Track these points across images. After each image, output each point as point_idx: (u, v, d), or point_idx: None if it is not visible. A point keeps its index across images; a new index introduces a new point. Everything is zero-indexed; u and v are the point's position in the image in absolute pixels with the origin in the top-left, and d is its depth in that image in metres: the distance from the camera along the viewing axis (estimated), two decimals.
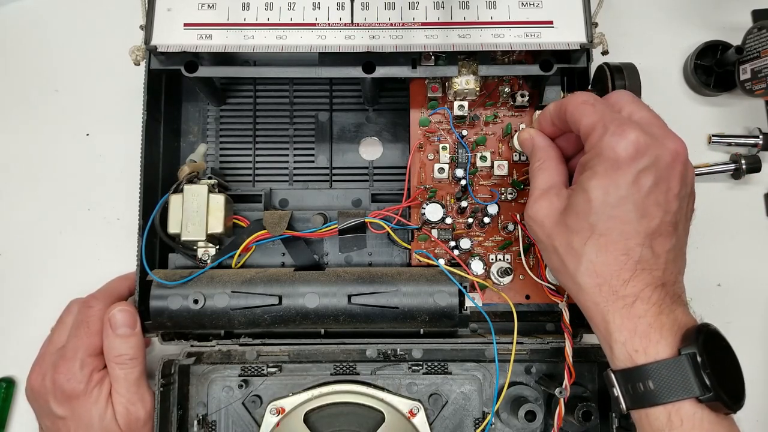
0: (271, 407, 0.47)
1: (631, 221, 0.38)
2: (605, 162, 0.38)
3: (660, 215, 0.38)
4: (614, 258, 0.38)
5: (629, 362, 0.37)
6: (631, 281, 0.38)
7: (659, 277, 0.38)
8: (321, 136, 0.56)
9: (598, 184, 0.38)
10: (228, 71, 0.49)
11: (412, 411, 0.48)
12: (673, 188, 0.39)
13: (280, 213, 0.50)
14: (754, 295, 0.57)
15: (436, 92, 0.51)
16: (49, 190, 0.58)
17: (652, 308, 0.37)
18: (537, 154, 0.44)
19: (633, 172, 0.38)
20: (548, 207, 0.41)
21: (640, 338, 0.37)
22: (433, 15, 0.47)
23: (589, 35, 0.47)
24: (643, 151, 0.38)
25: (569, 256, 0.40)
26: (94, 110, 0.59)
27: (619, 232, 0.38)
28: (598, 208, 0.38)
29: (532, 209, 0.42)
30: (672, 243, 0.39)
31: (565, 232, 0.40)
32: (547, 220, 0.41)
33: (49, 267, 0.57)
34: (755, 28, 0.54)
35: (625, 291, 0.38)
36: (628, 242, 0.38)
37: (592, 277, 0.39)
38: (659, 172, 0.38)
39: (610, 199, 0.38)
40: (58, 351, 0.48)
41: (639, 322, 0.37)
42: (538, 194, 0.43)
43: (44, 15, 0.60)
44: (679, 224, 0.40)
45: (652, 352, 0.37)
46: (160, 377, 0.45)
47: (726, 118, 0.59)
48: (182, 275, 0.47)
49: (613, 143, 0.38)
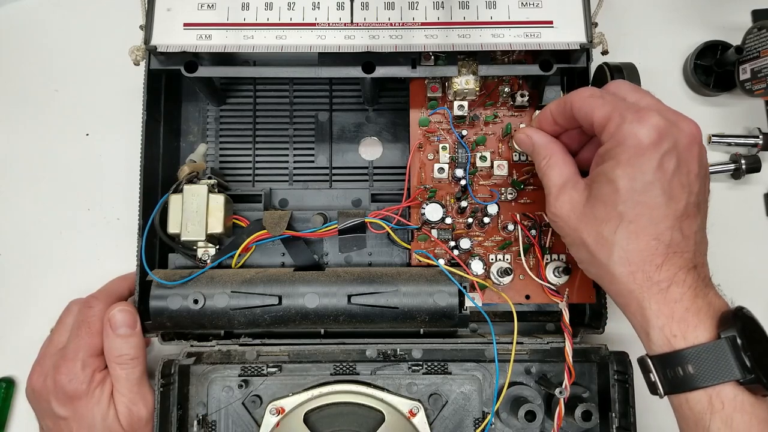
0: (270, 407, 0.47)
1: (659, 205, 0.38)
2: (628, 150, 0.38)
3: (685, 197, 0.39)
4: (646, 243, 0.38)
5: (667, 347, 0.37)
6: (664, 266, 0.38)
7: (690, 259, 0.38)
8: (321, 136, 0.56)
9: (623, 173, 0.38)
10: (228, 71, 0.49)
11: (412, 411, 0.48)
12: (693, 169, 0.39)
13: (279, 213, 0.50)
14: (754, 295, 0.57)
15: (435, 92, 0.51)
16: (49, 190, 0.58)
17: (688, 292, 0.38)
18: (540, 152, 0.44)
19: (657, 157, 0.38)
20: (570, 201, 0.41)
21: (678, 323, 0.37)
22: (433, 15, 0.47)
23: (589, 35, 0.47)
24: (664, 135, 0.38)
25: (600, 246, 0.39)
26: (94, 110, 0.59)
27: (649, 217, 0.38)
28: (626, 195, 0.38)
29: (555, 206, 0.42)
30: (698, 223, 0.40)
31: (593, 224, 0.40)
32: (572, 214, 0.41)
33: (49, 267, 0.57)
34: (755, 28, 0.54)
35: (659, 276, 0.38)
36: (658, 226, 0.38)
37: (626, 265, 0.38)
38: (680, 154, 0.38)
39: (637, 185, 0.38)
40: (59, 351, 0.48)
41: (676, 307, 0.37)
42: (557, 190, 0.42)
43: (44, 15, 0.61)
44: (701, 205, 0.40)
45: (691, 337, 0.37)
46: (160, 377, 0.45)
47: (726, 118, 0.59)
48: (182, 275, 0.47)
49: (635, 130, 0.38)
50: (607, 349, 0.47)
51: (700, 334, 0.37)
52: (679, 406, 0.38)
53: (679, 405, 0.38)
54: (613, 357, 0.47)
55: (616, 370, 0.47)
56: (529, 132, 0.45)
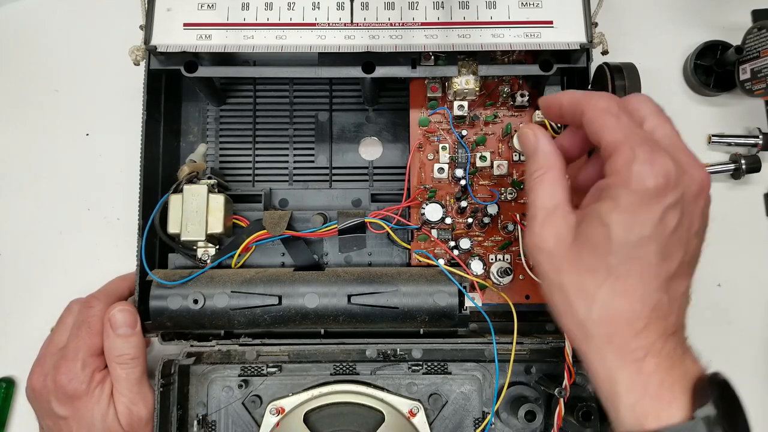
0: (270, 407, 0.47)
1: (652, 264, 0.34)
2: (631, 195, 0.34)
3: (680, 256, 0.35)
4: (630, 305, 0.34)
5: (638, 427, 0.33)
6: (644, 332, 0.34)
7: (672, 324, 0.35)
8: (321, 136, 0.56)
9: (620, 219, 0.34)
10: (228, 71, 0.49)
11: (411, 411, 0.48)
12: (695, 224, 0.35)
13: (279, 213, 0.50)
14: (754, 295, 0.57)
15: (435, 92, 0.51)
16: (49, 190, 0.58)
17: (664, 362, 0.34)
18: (539, 160, 0.39)
19: (660, 209, 0.34)
20: (556, 235, 0.36)
21: (651, 399, 0.33)
22: (433, 15, 0.47)
23: (589, 35, 0.47)
24: (673, 185, 0.34)
25: (579, 299, 0.35)
26: (93, 110, 0.59)
27: (639, 276, 0.34)
28: (619, 247, 0.34)
29: (539, 236, 0.37)
30: (687, 284, 0.36)
31: (577, 270, 0.35)
32: (557, 251, 0.36)
33: (49, 267, 0.57)
34: (755, 28, 0.54)
35: (636, 343, 0.34)
36: (646, 288, 0.34)
37: (604, 326, 0.34)
38: (685, 207, 0.34)
39: (633, 237, 0.34)
40: (59, 351, 0.48)
41: (650, 380, 0.33)
42: (544, 215, 0.37)
43: (44, 15, 0.60)
44: (693, 262, 0.36)
45: (665, 416, 0.33)
46: (160, 377, 0.45)
47: (726, 118, 0.59)
48: (182, 275, 0.47)
49: (643, 174, 0.33)
50: None
51: (675, 413, 0.33)
52: None
53: None
54: None
55: None
56: (538, 133, 0.39)
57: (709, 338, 0.56)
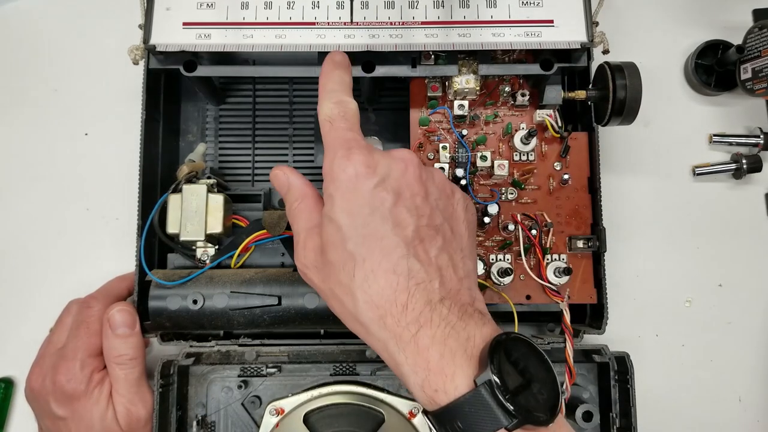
0: (270, 408, 0.47)
1: (386, 235, 0.35)
2: (340, 186, 0.36)
3: (413, 221, 0.36)
4: (385, 280, 0.34)
5: (434, 405, 0.33)
6: (409, 304, 0.34)
7: (436, 290, 0.35)
8: (321, 136, 0.55)
9: (340, 209, 0.36)
10: (227, 71, 0.49)
11: (411, 412, 0.47)
12: (418, 192, 0.37)
13: (279, 213, 0.50)
14: (754, 295, 0.57)
15: (436, 91, 0.50)
16: (48, 190, 0.58)
17: (438, 332, 0.33)
18: (293, 193, 0.40)
19: (369, 188, 0.36)
20: (314, 249, 0.38)
21: (435, 375, 0.33)
22: (433, 14, 0.47)
23: (590, 34, 0.47)
24: (373, 166, 0.36)
25: (344, 295, 0.36)
26: (92, 110, 0.59)
27: (380, 249, 0.35)
28: (349, 232, 0.35)
29: (303, 255, 0.38)
30: (438, 244, 0.36)
31: (333, 271, 0.36)
32: (316, 261, 0.38)
33: (48, 267, 0.57)
34: (756, 28, 0.54)
35: (406, 318, 0.34)
36: (391, 258, 0.35)
37: (373, 310, 0.34)
38: (396, 181, 0.36)
39: (358, 220, 0.35)
40: (58, 351, 0.48)
41: (429, 355, 0.33)
42: (304, 237, 0.39)
43: (43, 15, 0.60)
44: (443, 226, 0.37)
45: (451, 389, 0.32)
46: (159, 378, 0.45)
47: (727, 117, 0.59)
48: (181, 275, 0.47)
49: (342, 167, 0.36)
50: (607, 349, 0.47)
51: (460, 384, 0.32)
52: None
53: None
54: (614, 357, 0.47)
55: (617, 370, 0.47)
56: (286, 170, 0.41)
57: (709, 338, 0.57)
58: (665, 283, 0.57)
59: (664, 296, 0.57)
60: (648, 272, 0.57)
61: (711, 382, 0.56)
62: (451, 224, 0.39)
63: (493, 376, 0.31)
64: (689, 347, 0.56)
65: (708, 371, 0.56)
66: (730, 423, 0.56)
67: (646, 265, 0.57)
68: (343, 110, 0.39)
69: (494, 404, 0.31)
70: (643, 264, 0.57)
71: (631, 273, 0.57)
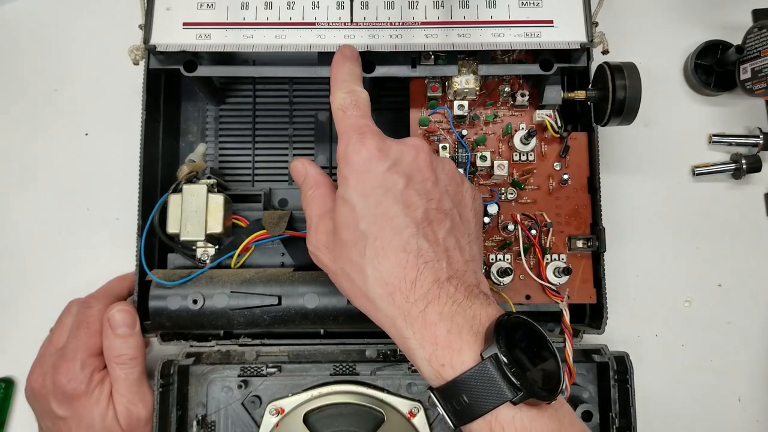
0: (270, 407, 0.47)
1: (397, 215, 0.37)
2: (353, 169, 0.38)
3: (423, 203, 0.38)
4: (395, 257, 0.36)
5: (440, 380, 0.34)
6: (418, 281, 0.35)
7: (444, 269, 0.36)
8: (320, 136, 0.55)
9: (354, 191, 0.37)
10: (227, 71, 0.49)
11: (411, 411, 0.48)
12: (429, 177, 0.39)
13: (279, 213, 0.50)
14: (754, 295, 0.57)
15: (435, 92, 0.50)
16: (48, 190, 0.58)
17: (446, 309, 0.35)
18: (309, 182, 0.42)
19: (383, 170, 0.37)
20: (325, 231, 0.40)
21: (443, 349, 0.34)
22: (433, 14, 0.47)
23: (590, 34, 0.47)
24: (386, 150, 0.38)
25: (355, 272, 0.37)
26: (93, 110, 0.59)
27: (391, 228, 0.36)
28: (362, 212, 0.37)
29: (315, 237, 0.40)
30: (447, 227, 0.38)
31: (344, 249, 0.38)
32: (327, 242, 0.39)
33: (48, 267, 0.57)
34: (755, 28, 0.54)
35: (415, 295, 0.35)
36: (402, 236, 0.36)
37: (382, 286, 0.36)
38: (408, 166, 0.38)
39: (370, 200, 0.37)
40: (58, 351, 0.48)
41: (437, 331, 0.34)
42: (316, 221, 0.40)
43: (43, 15, 0.60)
44: (452, 211, 0.39)
45: (458, 364, 0.34)
46: (160, 378, 0.45)
47: (726, 117, 0.59)
48: (181, 275, 0.47)
49: (356, 149, 0.38)
50: (607, 349, 0.47)
51: (466, 359, 0.34)
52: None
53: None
54: (614, 357, 0.47)
55: (617, 370, 0.47)
56: (305, 162, 0.43)
57: (708, 338, 0.57)
58: (665, 283, 0.57)
59: (663, 296, 0.57)
60: (648, 272, 0.57)
61: (711, 382, 0.56)
62: (460, 210, 0.40)
63: (499, 352, 0.33)
64: (689, 347, 0.56)
65: (708, 371, 0.56)
66: (730, 423, 0.56)
67: (645, 265, 0.57)
68: (355, 99, 0.41)
69: (500, 377, 0.33)
70: (643, 264, 0.57)
71: (630, 273, 0.57)
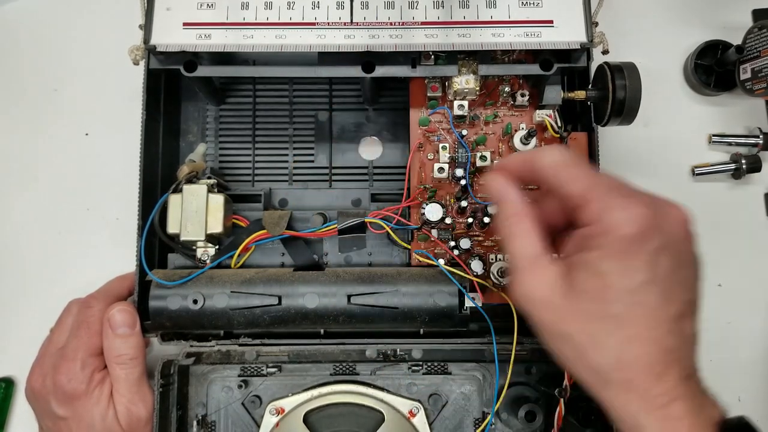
0: (270, 407, 0.47)
1: (658, 307, 0.33)
2: (616, 242, 0.33)
3: (683, 296, 0.34)
4: (645, 350, 0.33)
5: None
6: (664, 376, 0.33)
7: (689, 366, 0.35)
8: (321, 136, 0.55)
9: (614, 268, 0.33)
10: (227, 71, 0.49)
11: (411, 411, 0.48)
12: (692, 262, 0.36)
13: (279, 213, 0.50)
14: (754, 295, 0.57)
15: (435, 92, 0.51)
16: (49, 190, 0.58)
17: (689, 406, 0.33)
18: (508, 210, 0.37)
19: (649, 252, 0.33)
20: (548, 284, 0.35)
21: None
22: (433, 14, 0.47)
23: (590, 34, 0.47)
24: (654, 227, 0.33)
25: (591, 348, 0.34)
26: (93, 110, 0.59)
27: (645, 320, 0.33)
28: (619, 294, 0.33)
29: (531, 286, 0.35)
30: (695, 323, 0.35)
31: (581, 319, 0.34)
32: (553, 299, 0.35)
33: (49, 267, 0.57)
34: (755, 28, 0.54)
35: (658, 389, 0.33)
36: (657, 331, 0.33)
37: (623, 372, 0.34)
38: (675, 246, 0.34)
39: (632, 284, 0.33)
40: (59, 351, 0.48)
41: (679, 426, 0.33)
42: (527, 265, 0.36)
43: (43, 15, 0.60)
44: (697, 300, 0.36)
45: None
46: (160, 377, 0.45)
47: (726, 117, 0.59)
48: (181, 275, 0.47)
49: (621, 221, 0.33)
50: None
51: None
52: None
53: None
54: None
55: None
56: (503, 182, 0.38)
57: (709, 338, 0.56)
58: None
59: None
60: None
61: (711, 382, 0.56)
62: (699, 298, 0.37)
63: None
64: None
65: (708, 371, 0.56)
66: None
67: None
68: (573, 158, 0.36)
69: None
70: None
71: None
